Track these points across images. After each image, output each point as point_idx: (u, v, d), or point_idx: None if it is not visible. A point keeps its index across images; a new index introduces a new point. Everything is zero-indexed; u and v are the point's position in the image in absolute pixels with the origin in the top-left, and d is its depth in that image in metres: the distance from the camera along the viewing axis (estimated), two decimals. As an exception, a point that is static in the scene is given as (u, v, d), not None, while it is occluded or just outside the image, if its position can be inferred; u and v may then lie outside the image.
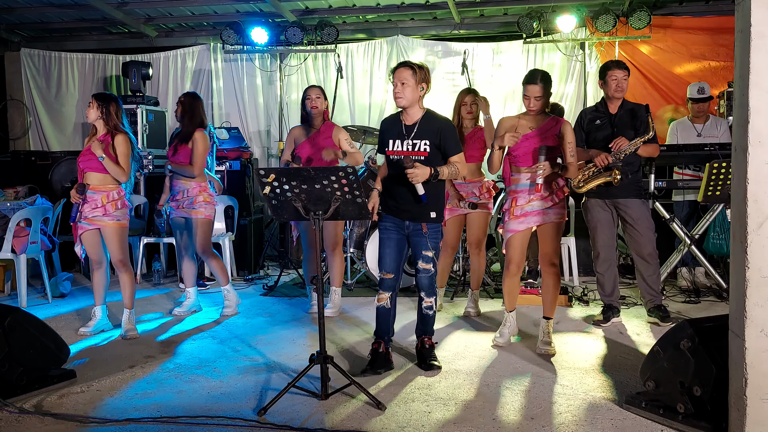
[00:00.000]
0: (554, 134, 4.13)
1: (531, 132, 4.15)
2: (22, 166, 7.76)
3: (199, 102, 5.31)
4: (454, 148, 3.80)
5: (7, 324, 3.43)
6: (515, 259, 4.25)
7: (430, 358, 3.93)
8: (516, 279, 4.33)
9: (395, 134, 3.86)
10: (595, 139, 4.78)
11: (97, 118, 4.61)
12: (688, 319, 3.11)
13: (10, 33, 8.88)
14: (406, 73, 3.74)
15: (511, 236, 4.21)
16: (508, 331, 4.41)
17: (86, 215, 4.58)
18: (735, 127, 2.67)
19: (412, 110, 3.82)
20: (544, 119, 4.19)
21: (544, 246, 4.26)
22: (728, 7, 7.49)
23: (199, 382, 3.73)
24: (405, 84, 3.73)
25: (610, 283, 4.91)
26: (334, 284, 5.37)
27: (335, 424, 3.08)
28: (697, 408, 2.90)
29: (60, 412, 3.26)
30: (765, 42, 2.50)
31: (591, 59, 8.09)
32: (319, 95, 5.18)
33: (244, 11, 8.30)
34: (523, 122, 4.20)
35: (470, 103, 5.11)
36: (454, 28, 8.42)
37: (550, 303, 4.32)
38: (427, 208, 3.77)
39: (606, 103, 4.84)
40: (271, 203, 3.47)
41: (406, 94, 3.74)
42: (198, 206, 5.14)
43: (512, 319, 4.43)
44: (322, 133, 5.15)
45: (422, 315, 3.97)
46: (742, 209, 2.56)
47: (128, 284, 4.73)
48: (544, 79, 4.12)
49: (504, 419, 3.14)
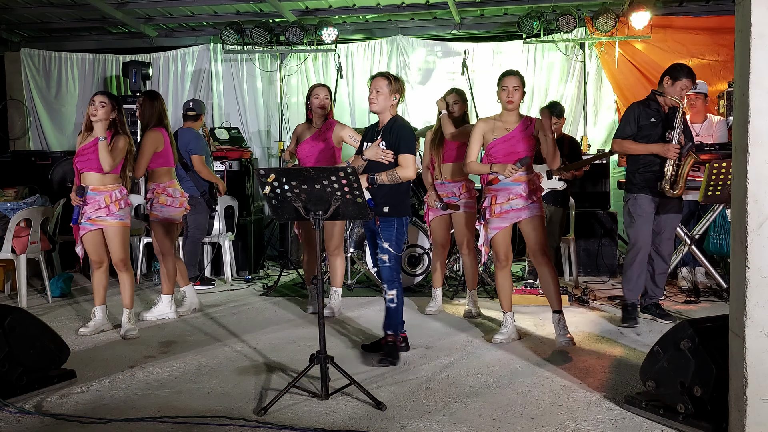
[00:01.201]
0: (530, 134, 4.25)
1: (507, 134, 4.26)
2: (22, 166, 7.76)
3: (155, 101, 5.19)
4: (403, 147, 4.06)
5: (7, 324, 3.43)
6: (502, 252, 4.37)
7: (386, 355, 4.02)
8: (506, 272, 4.42)
9: (370, 137, 4.24)
10: (649, 135, 4.76)
11: (106, 117, 4.51)
12: (688, 319, 3.11)
13: (10, 33, 8.89)
14: (382, 83, 4.12)
15: (496, 234, 4.31)
16: (508, 331, 4.42)
17: (89, 216, 4.57)
18: (735, 127, 2.67)
19: (384, 116, 4.17)
20: (518, 120, 4.31)
21: (532, 239, 4.31)
22: (728, 6, 7.49)
23: (199, 382, 3.73)
24: (380, 92, 4.11)
25: (642, 279, 4.88)
26: (334, 284, 5.37)
27: (335, 424, 3.08)
28: (698, 408, 2.89)
29: (60, 413, 3.26)
30: (765, 42, 2.50)
31: (591, 59, 8.10)
32: (327, 95, 5.22)
33: (244, 11, 8.30)
34: (499, 124, 4.33)
35: (452, 102, 5.11)
36: (454, 28, 8.43)
37: (553, 295, 4.31)
38: (382, 204, 4.05)
39: (658, 101, 4.79)
40: (271, 203, 3.47)
41: (379, 100, 4.12)
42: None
43: (509, 319, 4.45)
44: (323, 133, 5.16)
45: (386, 308, 4.15)
46: (742, 209, 2.56)
47: (128, 284, 4.73)
48: (518, 73, 4.34)
49: (504, 419, 3.14)
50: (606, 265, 6.74)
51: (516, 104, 4.29)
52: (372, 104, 4.14)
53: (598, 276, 6.71)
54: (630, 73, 7.84)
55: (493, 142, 4.30)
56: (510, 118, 4.32)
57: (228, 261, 6.79)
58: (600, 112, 8.12)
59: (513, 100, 4.26)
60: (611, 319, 5.08)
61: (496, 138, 4.29)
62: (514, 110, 4.31)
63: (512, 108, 4.29)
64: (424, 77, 8.44)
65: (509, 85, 4.25)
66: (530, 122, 4.31)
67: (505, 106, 4.29)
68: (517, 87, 4.26)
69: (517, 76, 4.30)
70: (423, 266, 6.06)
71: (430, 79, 8.41)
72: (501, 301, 4.46)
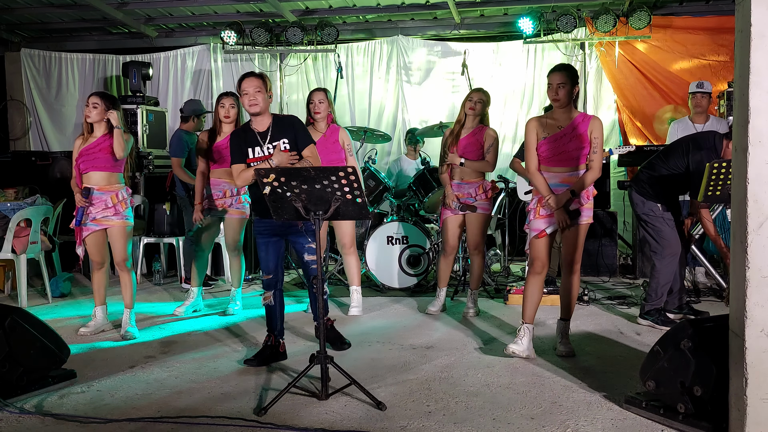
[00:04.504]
0: (583, 132, 4.02)
1: (559, 132, 4.05)
2: (22, 166, 7.76)
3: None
4: (305, 140, 3.99)
5: (8, 324, 3.43)
6: (540, 258, 4.08)
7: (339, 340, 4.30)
8: (538, 279, 4.09)
9: (251, 142, 3.99)
10: None
11: (100, 118, 4.56)
12: (688, 319, 3.11)
13: (10, 33, 8.89)
14: (258, 82, 3.94)
15: (536, 239, 4.09)
16: (524, 344, 4.06)
17: (95, 216, 4.58)
18: (735, 127, 2.67)
19: (264, 117, 4.00)
20: (571, 116, 4.07)
21: (569, 247, 4.12)
22: (728, 7, 7.50)
23: (200, 382, 3.73)
24: (259, 91, 3.93)
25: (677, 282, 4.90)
26: (353, 283, 5.38)
27: (335, 424, 3.08)
28: (698, 408, 2.90)
29: (60, 413, 3.26)
30: (765, 42, 2.50)
31: (591, 59, 8.10)
32: (323, 99, 5.16)
33: (244, 11, 8.30)
34: (550, 122, 4.10)
35: (476, 100, 5.11)
36: (454, 28, 8.43)
37: (568, 304, 4.22)
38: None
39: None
40: (271, 203, 3.47)
41: (259, 100, 3.93)
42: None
43: (528, 332, 4.07)
44: (329, 137, 5.16)
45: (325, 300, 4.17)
46: (742, 209, 2.56)
47: (129, 284, 4.73)
48: (566, 67, 4.09)
49: (504, 419, 3.14)
50: (606, 265, 6.74)
51: (563, 101, 4.01)
52: (252, 106, 3.93)
53: (598, 276, 6.71)
54: (630, 73, 7.85)
55: (542, 141, 4.07)
56: (561, 116, 4.06)
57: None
58: (600, 113, 8.11)
59: (558, 98, 4.01)
60: (611, 319, 5.08)
61: (546, 136, 4.06)
62: (563, 107, 4.05)
63: (559, 105, 4.06)
64: (424, 77, 8.44)
65: (553, 82, 4.02)
66: (584, 119, 4.05)
67: (552, 104, 4.13)
68: (562, 83, 3.98)
69: (561, 72, 4.01)
70: (422, 266, 6.06)
71: (430, 79, 8.41)
72: (524, 308, 4.09)
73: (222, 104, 5.23)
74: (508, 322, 4.96)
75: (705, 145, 4.63)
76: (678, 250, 4.79)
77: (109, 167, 4.58)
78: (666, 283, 4.80)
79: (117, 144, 4.51)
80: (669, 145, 5.23)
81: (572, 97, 4.05)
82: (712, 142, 4.63)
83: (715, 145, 4.60)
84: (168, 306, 5.68)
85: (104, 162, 4.55)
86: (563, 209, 4.02)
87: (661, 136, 7.44)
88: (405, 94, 8.44)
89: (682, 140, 4.89)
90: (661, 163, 4.81)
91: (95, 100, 4.58)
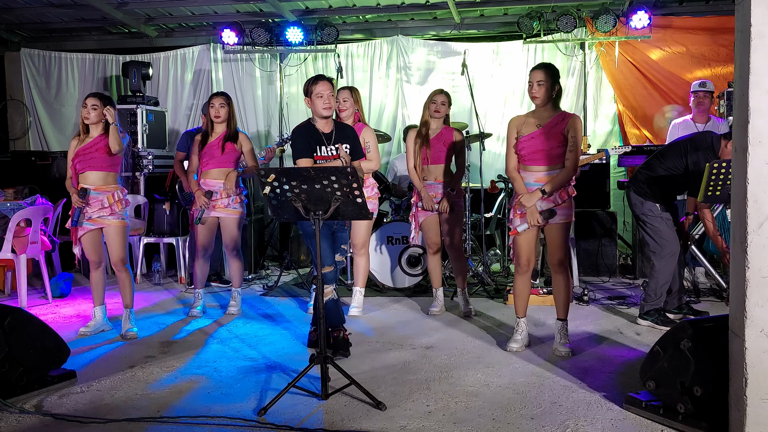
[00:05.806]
0: (560, 131, 4.05)
1: (537, 130, 4.08)
2: (22, 166, 7.76)
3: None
4: (358, 152, 4.32)
5: (8, 324, 3.43)
6: (524, 257, 4.19)
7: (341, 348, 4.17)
8: (526, 278, 4.23)
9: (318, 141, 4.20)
10: None
11: (99, 119, 4.59)
12: (688, 319, 3.11)
13: (10, 33, 8.88)
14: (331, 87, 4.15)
15: (518, 237, 4.17)
16: (521, 338, 4.28)
17: (91, 215, 4.58)
18: (735, 127, 2.67)
19: (329, 121, 4.25)
20: (551, 115, 4.10)
21: (554, 246, 4.16)
22: (728, 7, 7.49)
23: (199, 382, 3.73)
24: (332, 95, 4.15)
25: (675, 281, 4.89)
26: (357, 284, 5.39)
27: (335, 424, 3.08)
28: (698, 408, 2.90)
29: (60, 413, 3.26)
30: (765, 42, 2.50)
31: (591, 59, 8.09)
32: (347, 98, 5.19)
33: (244, 11, 8.30)
34: (530, 120, 4.14)
35: (440, 102, 5.11)
36: (454, 28, 8.42)
37: (562, 304, 4.24)
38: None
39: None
40: (271, 203, 3.47)
41: (333, 104, 4.17)
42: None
43: (524, 326, 4.30)
44: None
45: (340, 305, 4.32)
46: (742, 209, 2.56)
47: (128, 284, 4.74)
48: (546, 66, 4.13)
49: (504, 419, 3.14)
50: (606, 265, 6.74)
51: (542, 99, 4.05)
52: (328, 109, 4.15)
53: (598, 276, 6.71)
54: (630, 73, 7.84)
55: (521, 139, 4.12)
56: (542, 114, 4.10)
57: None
58: (600, 113, 8.11)
59: (537, 96, 4.05)
60: (611, 319, 5.09)
61: (524, 134, 4.11)
62: (543, 105, 4.09)
63: (539, 103, 4.09)
64: (424, 77, 8.43)
65: (533, 80, 4.05)
66: (563, 118, 4.07)
67: (532, 101, 4.15)
68: (541, 81, 4.02)
69: (541, 70, 4.06)
70: (422, 266, 6.06)
71: (430, 79, 8.41)
72: (516, 305, 4.30)
73: (212, 104, 5.24)
74: (508, 322, 4.96)
75: (702, 146, 4.64)
76: (677, 249, 4.79)
77: (106, 167, 4.60)
78: (665, 283, 4.80)
79: (113, 139, 4.53)
80: (666, 145, 5.24)
81: (552, 95, 4.08)
82: (709, 142, 4.63)
83: (713, 146, 4.60)
84: (167, 305, 5.68)
85: (101, 162, 4.57)
86: (535, 207, 4.05)
87: (661, 136, 7.44)
88: (405, 94, 8.44)
89: (679, 141, 4.89)
90: (658, 164, 4.81)
91: (94, 102, 4.59)
